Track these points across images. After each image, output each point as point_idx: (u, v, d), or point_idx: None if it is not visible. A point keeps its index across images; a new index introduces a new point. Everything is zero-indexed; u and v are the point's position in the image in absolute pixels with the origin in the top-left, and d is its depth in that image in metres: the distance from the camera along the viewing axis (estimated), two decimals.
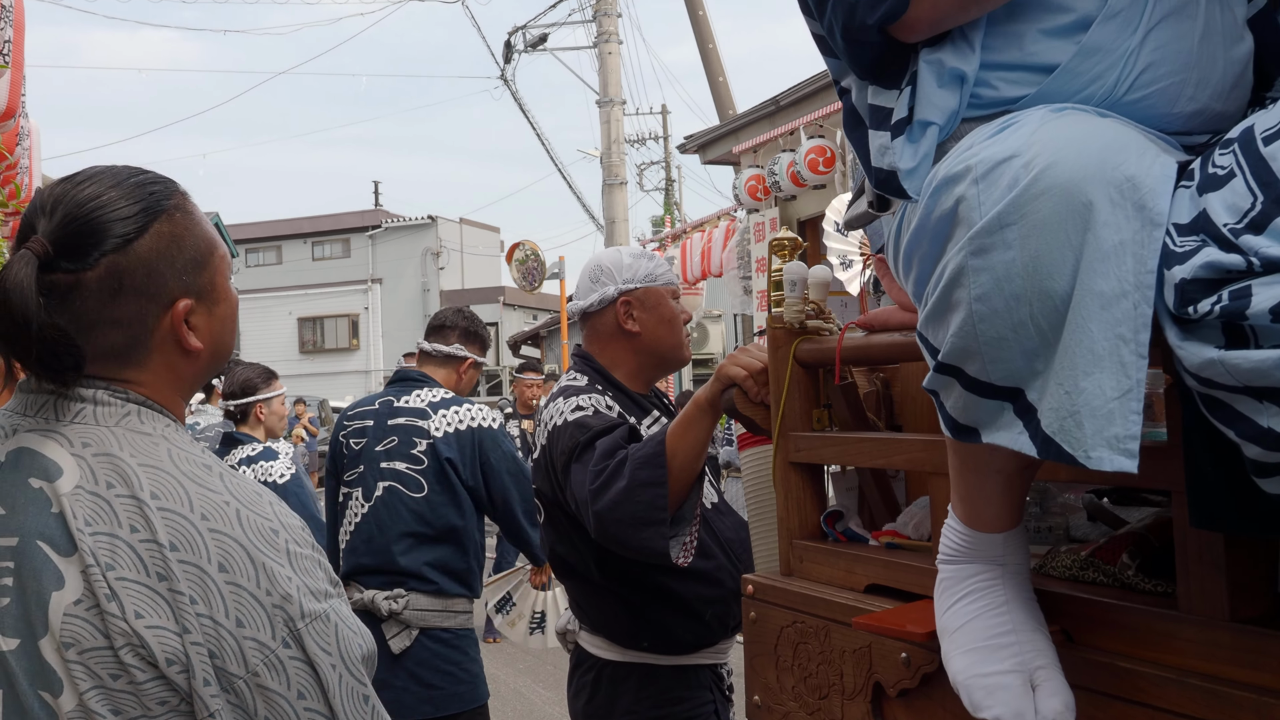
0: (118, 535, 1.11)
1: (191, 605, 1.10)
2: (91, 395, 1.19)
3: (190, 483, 1.16)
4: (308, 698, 1.14)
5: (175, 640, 1.10)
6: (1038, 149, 1.10)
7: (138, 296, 1.20)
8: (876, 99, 1.37)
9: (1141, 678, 1.24)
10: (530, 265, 17.01)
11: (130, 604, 1.09)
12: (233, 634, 1.11)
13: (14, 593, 1.11)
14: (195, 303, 1.24)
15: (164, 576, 1.10)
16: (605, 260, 2.55)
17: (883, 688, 1.62)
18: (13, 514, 1.13)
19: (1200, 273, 0.99)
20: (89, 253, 1.17)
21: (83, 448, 1.15)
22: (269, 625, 1.13)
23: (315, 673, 1.14)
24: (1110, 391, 1.05)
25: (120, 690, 1.09)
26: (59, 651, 1.09)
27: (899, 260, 1.35)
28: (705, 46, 15.72)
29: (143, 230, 1.20)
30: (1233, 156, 1.04)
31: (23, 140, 5.34)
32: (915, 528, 1.76)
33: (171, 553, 1.11)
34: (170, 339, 1.23)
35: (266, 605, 1.13)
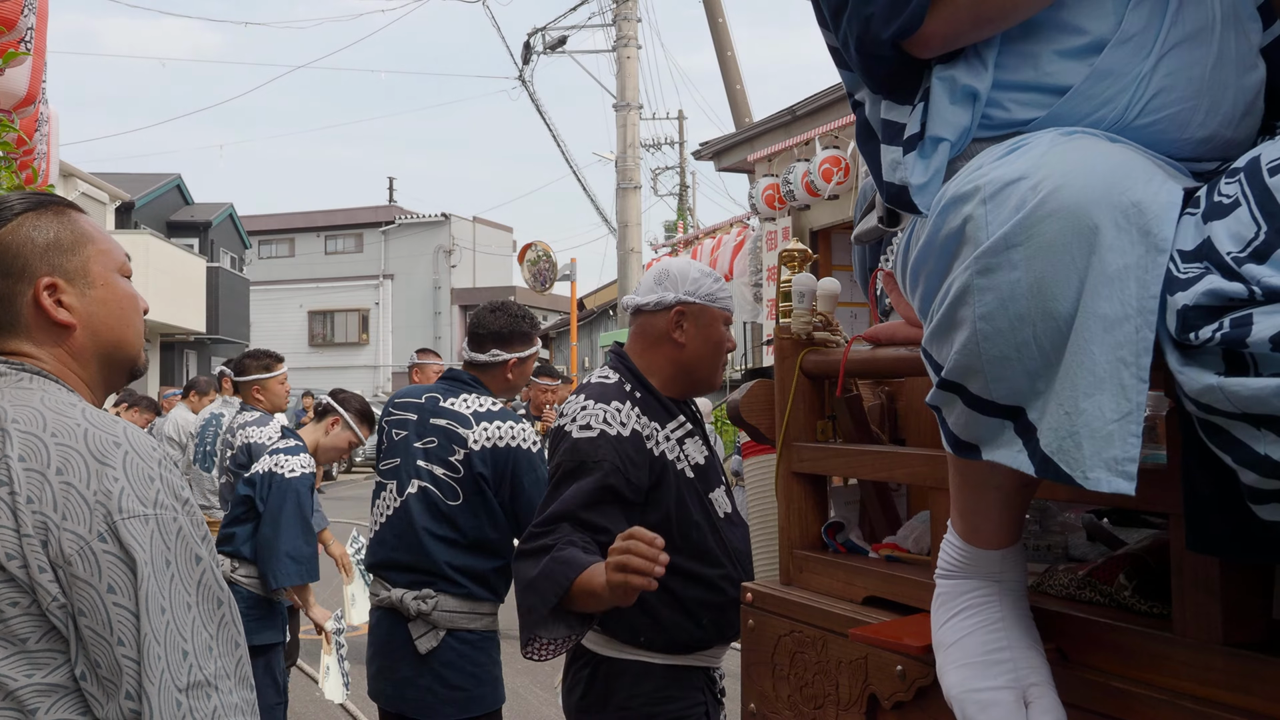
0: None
1: (27, 504, 1.22)
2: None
3: (50, 413, 1.29)
4: (117, 593, 1.21)
5: (12, 537, 1.21)
6: (1046, 172, 1.11)
7: (5, 277, 1.38)
8: (889, 114, 1.39)
9: (1134, 698, 1.25)
10: (542, 266, 17.04)
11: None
12: (58, 525, 1.22)
13: None
14: (64, 283, 1.40)
15: (4, 483, 1.23)
16: (674, 267, 2.57)
17: (878, 700, 1.63)
18: None
19: (1202, 299, 1.00)
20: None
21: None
22: (89, 518, 1.22)
23: (131, 570, 1.22)
24: (1110, 414, 1.06)
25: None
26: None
27: (906, 276, 1.36)
28: (724, 54, 15.75)
29: (6, 221, 1.40)
30: (1238, 186, 1.05)
31: (41, 126, 5.37)
32: (915, 541, 1.77)
33: (19, 463, 1.24)
34: (40, 314, 1.39)
35: (90, 500, 1.23)
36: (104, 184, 24.13)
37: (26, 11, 3.80)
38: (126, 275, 1.49)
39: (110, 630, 1.21)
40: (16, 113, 4.28)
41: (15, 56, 3.31)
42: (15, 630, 1.21)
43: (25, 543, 1.21)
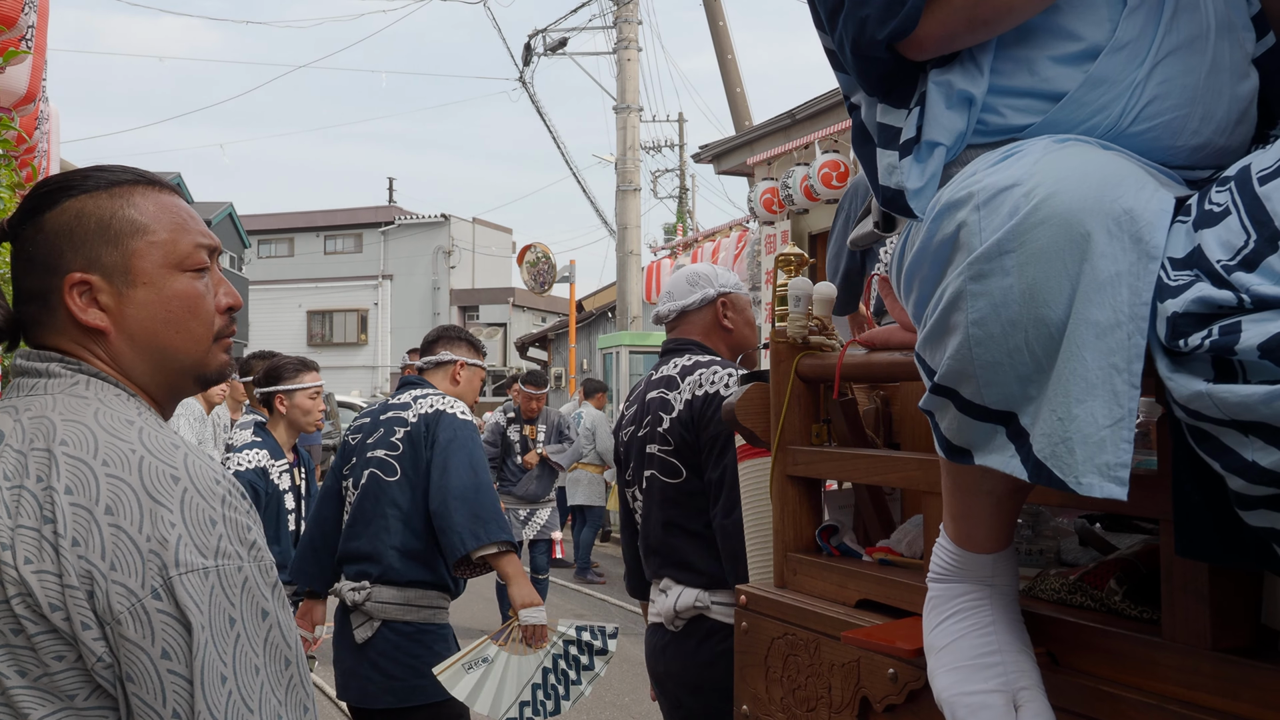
0: (25, 486, 1.10)
1: (72, 547, 1.06)
2: (46, 369, 1.21)
3: (103, 433, 1.14)
4: (172, 659, 1.05)
5: (56, 584, 1.06)
6: (1039, 179, 1.12)
7: (41, 270, 1.23)
8: (885, 117, 1.39)
9: (1124, 702, 1.26)
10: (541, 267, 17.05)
11: (22, 551, 1.07)
12: (105, 576, 1.06)
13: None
14: (100, 280, 1.23)
15: (49, 519, 1.07)
16: (702, 269, 2.93)
17: (870, 702, 1.63)
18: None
19: (1192, 307, 1.00)
20: (15, 228, 1.25)
21: (24, 413, 1.17)
22: (140, 570, 1.06)
23: (187, 635, 1.06)
24: (1102, 419, 1.06)
25: (20, 647, 1.06)
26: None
27: (900, 281, 1.36)
28: (724, 57, 15.76)
29: (53, 205, 1.23)
30: (1229, 194, 1.06)
31: (41, 124, 5.37)
32: (909, 545, 1.77)
33: (65, 496, 1.08)
34: (67, 316, 1.23)
35: (143, 549, 1.07)
36: None
37: (27, 9, 3.80)
38: (195, 268, 1.28)
39: (163, 701, 1.06)
40: (16, 110, 4.28)
41: (16, 55, 3.31)
42: (62, 685, 1.07)
43: (69, 594, 1.05)
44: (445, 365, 3.67)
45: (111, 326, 1.24)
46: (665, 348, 2.95)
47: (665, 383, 2.82)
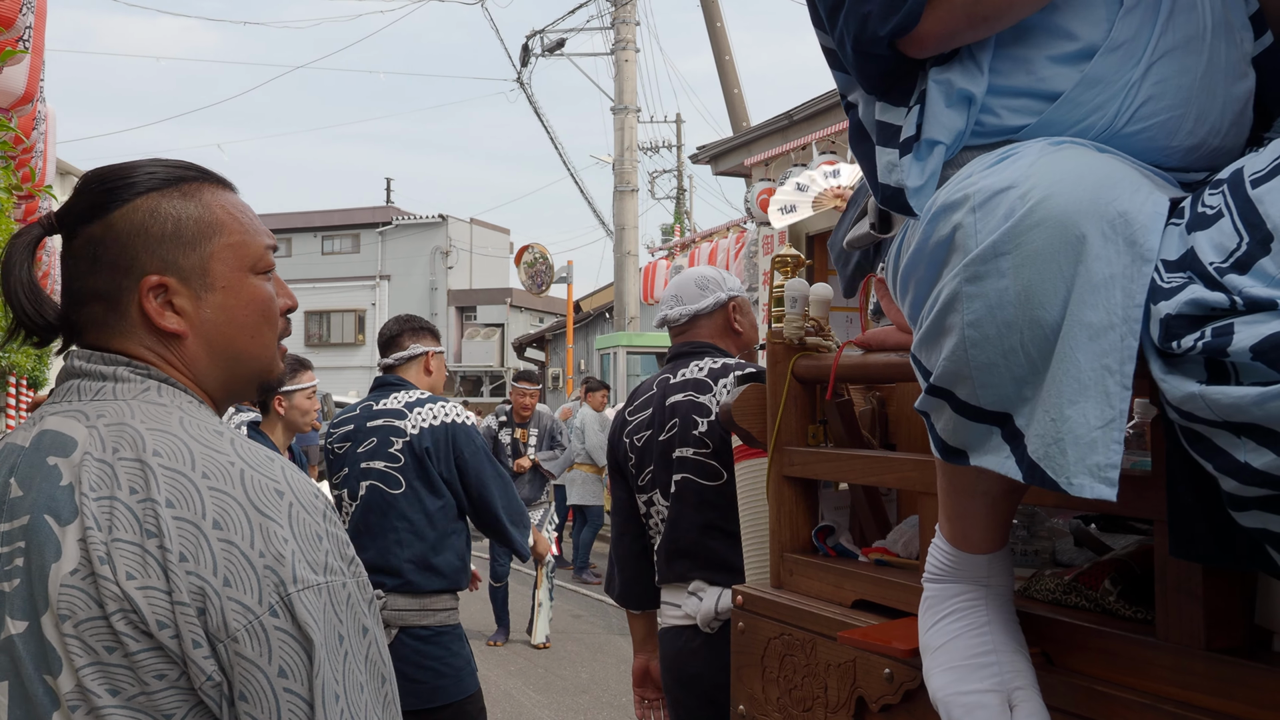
0: (117, 497, 1.06)
1: (180, 563, 1.03)
2: (112, 373, 1.17)
3: (196, 444, 1.10)
4: (289, 677, 1.04)
5: (164, 601, 1.03)
6: (1034, 181, 1.13)
7: (111, 270, 1.18)
8: (884, 115, 1.40)
9: (1118, 702, 1.26)
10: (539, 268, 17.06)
11: (122, 566, 1.04)
12: (218, 593, 1.03)
13: (22, 573, 1.07)
14: (177, 283, 1.19)
15: (154, 534, 1.04)
16: (708, 272, 2.97)
17: (865, 702, 1.64)
18: (28, 493, 1.11)
19: (1185, 309, 1.01)
20: (72, 224, 1.19)
21: (97, 419, 1.13)
22: (257, 587, 1.04)
23: (307, 653, 1.04)
24: (1094, 420, 1.07)
25: (116, 665, 1.03)
26: (57, 626, 1.04)
27: (897, 283, 1.37)
28: (722, 58, 15.77)
29: (122, 204, 1.18)
30: (1221, 197, 1.07)
31: (39, 125, 5.38)
32: (905, 545, 1.78)
33: (166, 509, 1.05)
34: (140, 318, 1.19)
35: (258, 566, 1.04)
36: None
37: (25, 10, 3.81)
38: (265, 270, 1.25)
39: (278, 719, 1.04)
40: (14, 111, 4.29)
41: (14, 55, 3.32)
42: (159, 704, 1.04)
43: (179, 610, 1.02)
44: (417, 359, 3.66)
45: (189, 331, 1.20)
46: (678, 351, 2.93)
47: (694, 386, 2.76)
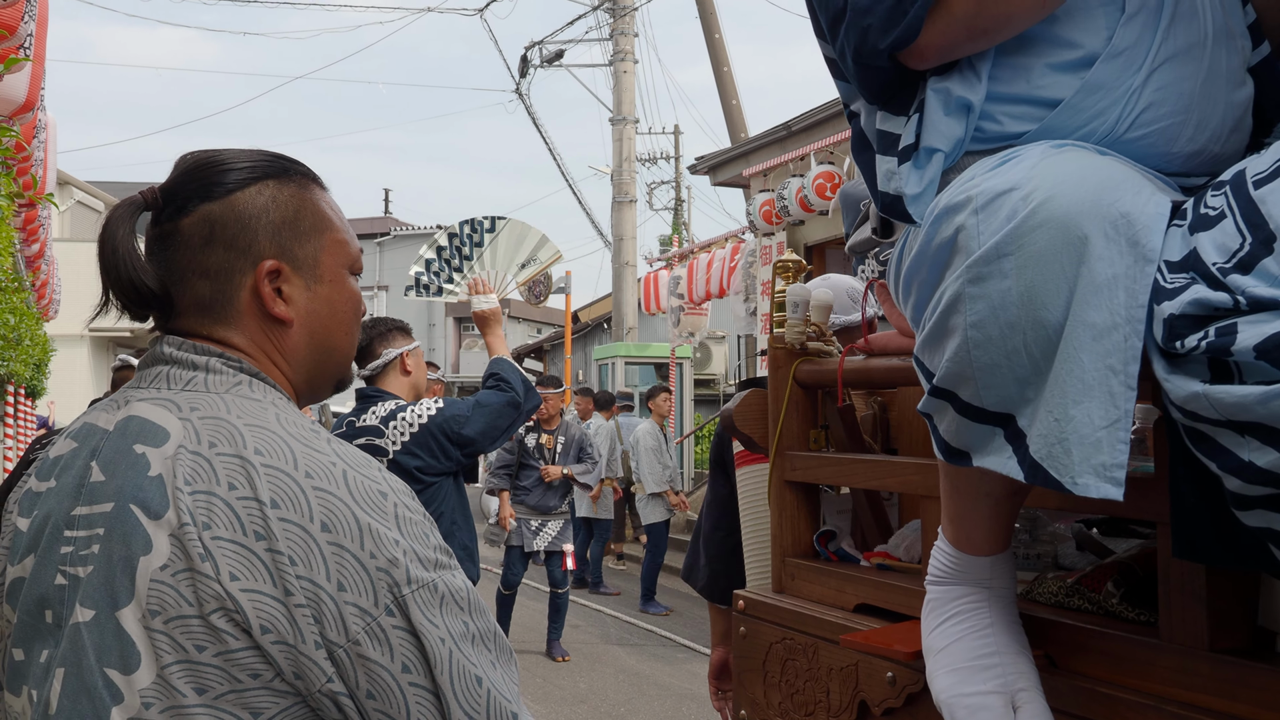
0: (215, 493, 1.05)
1: (292, 567, 1.02)
2: (205, 363, 1.16)
3: (296, 443, 1.09)
4: (413, 672, 1.05)
5: (272, 605, 1.02)
6: (1037, 183, 1.13)
7: (227, 249, 1.17)
8: (885, 124, 1.41)
9: (1121, 704, 1.26)
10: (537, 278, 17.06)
11: (225, 565, 1.02)
12: (333, 598, 1.03)
13: (99, 560, 1.05)
14: (289, 270, 1.20)
15: (262, 536, 1.03)
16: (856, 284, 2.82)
17: (868, 706, 1.64)
18: (111, 479, 1.09)
19: (1189, 309, 1.02)
20: (187, 200, 1.18)
21: (190, 411, 1.11)
22: (372, 590, 1.04)
23: (421, 645, 1.05)
24: (1099, 420, 1.07)
25: (207, 663, 1.02)
26: (142, 621, 1.02)
27: (899, 285, 1.37)
28: (720, 69, 15.81)
29: (244, 185, 1.19)
30: (1224, 198, 1.07)
31: (39, 134, 5.39)
32: (906, 550, 1.78)
33: (272, 510, 1.04)
34: (253, 303, 1.19)
35: (370, 569, 1.04)
36: (100, 193, 24.12)
37: (27, 18, 3.82)
38: (357, 272, 1.28)
39: (407, 713, 1.05)
40: (16, 119, 4.30)
41: (16, 63, 3.32)
42: (250, 703, 1.03)
43: (297, 613, 1.01)
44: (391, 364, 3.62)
45: (296, 320, 1.21)
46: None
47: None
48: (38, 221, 7.33)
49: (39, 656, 1.07)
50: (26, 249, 7.77)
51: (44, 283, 9.68)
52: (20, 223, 6.65)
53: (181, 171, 1.19)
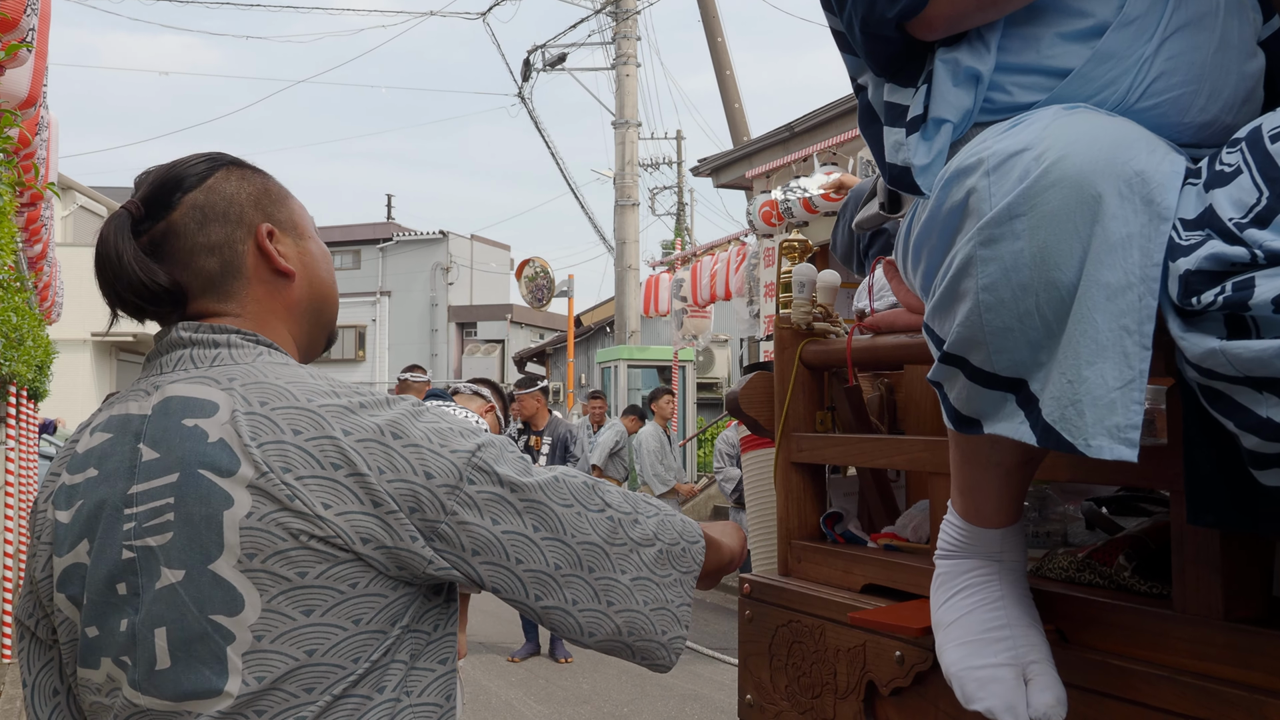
0: (284, 441, 1.17)
1: (380, 476, 1.17)
2: (225, 340, 1.26)
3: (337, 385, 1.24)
4: (502, 522, 1.21)
5: (366, 519, 1.16)
6: (1050, 142, 1.12)
7: (222, 223, 1.29)
8: (892, 96, 1.39)
9: (1135, 676, 1.24)
10: (540, 282, 17.08)
11: (316, 498, 1.15)
12: (425, 487, 1.18)
13: (177, 525, 1.16)
14: (279, 231, 1.33)
15: (339, 465, 1.16)
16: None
17: (875, 686, 1.62)
18: (169, 453, 1.19)
19: (1205, 264, 1.00)
20: (170, 196, 1.29)
21: (230, 382, 1.22)
22: (454, 469, 1.20)
23: (509, 493, 1.21)
24: (1113, 381, 1.06)
25: (310, 585, 1.15)
26: (238, 566, 1.14)
27: (908, 254, 1.36)
28: (722, 72, 15.82)
29: (212, 173, 1.31)
30: (1240, 154, 1.06)
31: (42, 131, 5.38)
32: (914, 530, 1.76)
33: (346, 438, 1.17)
34: (262, 263, 1.31)
35: (443, 453, 1.20)
36: (103, 197, 24.15)
37: (29, 11, 3.81)
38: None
39: (506, 556, 1.21)
40: (19, 114, 4.29)
41: (17, 49, 3.31)
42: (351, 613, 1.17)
43: (390, 519, 1.16)
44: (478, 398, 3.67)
45: (297, 271, 1.34)
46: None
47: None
48: (40, 222, 7.32)
49: (117, 627, 1.18)
50: (29, 249, 7.77)
51: (46, 285, 9.68)
52: (23, 222, 6.65)
53: (152, 183, 1.31)
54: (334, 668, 1.16)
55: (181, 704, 1.15)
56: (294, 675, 1.15)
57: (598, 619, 1.26)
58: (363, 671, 1.18)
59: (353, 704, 1.17)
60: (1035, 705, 1.24)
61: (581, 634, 1.27)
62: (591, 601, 1.25)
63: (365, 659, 1.18)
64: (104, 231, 1.26)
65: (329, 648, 1.16)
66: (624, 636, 1.28)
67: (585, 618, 1.26)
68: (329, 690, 1.16)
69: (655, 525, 1.31)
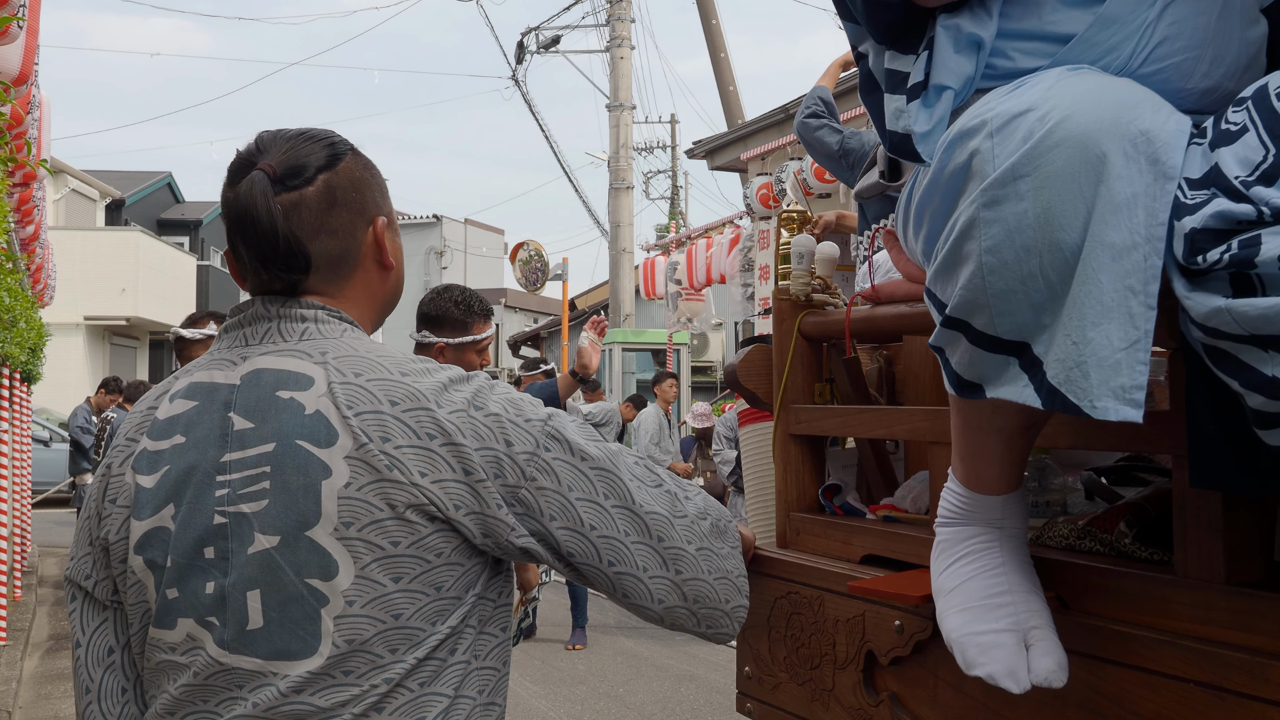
0: (382, 412, 1.23)
1: (470, 445, 1.23)
2: (313, 315, 1.31)
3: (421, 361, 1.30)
4: (576, 489, 1.28)
5: (459, 487, 1.23)
6: (1054, 103, 1.11)
7: (347, 209, 1.34)
8: (893, 63, 1.38)
9: (1136, 641, 1.24)
10: (534, 265, 17.03)
11: (413, 467, 1.21)
12: (507, 454, 1.25)
13: (273, 494, 1.21)
14: (386, 224, 1.39)
15: (434, 435, 1.23)
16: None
17: (875, 656, 1.62)
18: (264, 423, 1.24)
19: (1210, 222, 0.99)
20: (307, 170, 1.31)
21: (322, 356, 1.27)
22: (531, 438, 1.27)
23: (577, 468, 1.28)
24: (1118, 342, 1.05)
25: (402, 554, 1.21)
26: (335, 534, 1.20)
27: (909, 219, 1.35)
28: (717, 55, 15.77)
29: (344, 155, 1.35)
30: (1246, 112, 1.05)
31: (34, 110, 5.35)
32: (913, 501, 1.76)
33: (440, 410, 1.24)
34: (372, 253, 1.37)
35: (521, 423, 1.27)
36: (95, 181, 24.04)
37: None
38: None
39: (580, 522, 1.27)
40: (12, 88, 4.26)
41: (9, 23, 3.29)
42: (433, 579, 1.23)
43: (479, 487, 1.23)
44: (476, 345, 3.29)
45: (395, 268, 1.41)
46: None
47: None
48: (32, 203, 7.29)
49: (202, 589, 1.23)
50: (22, 230, 7.73)
51: (39, 267, 9.64)
52: (15, 203, 6.61)
53: (287, 152, 1.32)
54: (415, 630, 1.22)
55: (270, 663, 1.20)
56: (380, 638, 1.21)
57: (667, 587, 1.31)
58: (443, 635, 1.24)
59: (434, 666, 1.24)
60: (1036, 670, 1.23)
61: (651, 600, 1.31)
62: (661, 569, 1.31)
63: (444, 623, 1.24)
64: (247, 187, 1.28)
65: (413, 612, 1.22)
66: (690, 604, 1.33)
67: (656, 585, 1.31)
68: (412, 652, 1.22)
69: (702, 502, 1.38)
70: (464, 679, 1.27)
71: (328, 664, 1.19)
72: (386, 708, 1.21)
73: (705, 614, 1.34)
